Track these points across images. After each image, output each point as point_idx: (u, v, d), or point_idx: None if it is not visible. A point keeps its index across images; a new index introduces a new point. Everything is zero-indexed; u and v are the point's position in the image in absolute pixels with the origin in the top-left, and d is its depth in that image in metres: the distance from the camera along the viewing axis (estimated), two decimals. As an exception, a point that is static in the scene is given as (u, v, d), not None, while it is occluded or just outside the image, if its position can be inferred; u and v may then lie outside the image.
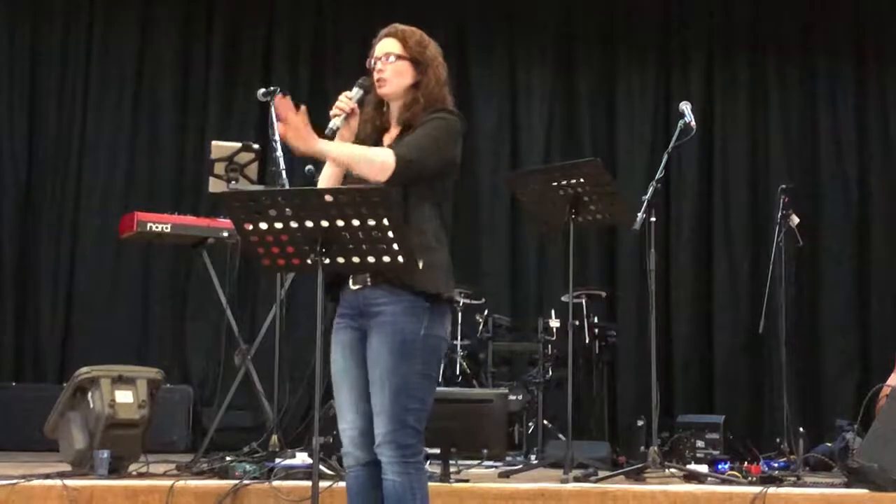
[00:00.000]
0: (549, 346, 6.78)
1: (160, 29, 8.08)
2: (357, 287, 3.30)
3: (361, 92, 3.42)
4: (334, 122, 3.34)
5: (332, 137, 3.34)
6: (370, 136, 3.44)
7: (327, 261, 3.11)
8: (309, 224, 3.08)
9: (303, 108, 3.20)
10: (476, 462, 5.26)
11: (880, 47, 8.21)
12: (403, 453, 3.23)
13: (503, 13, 8.35)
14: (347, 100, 3.38)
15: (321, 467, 4.16)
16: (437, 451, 4.82)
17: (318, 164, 3.55)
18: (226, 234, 6.01)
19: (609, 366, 7.30)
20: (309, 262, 3.13)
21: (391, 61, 3.41)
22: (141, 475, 4.84)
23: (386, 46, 3.45)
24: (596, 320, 7.06)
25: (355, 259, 3.12)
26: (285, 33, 8.20)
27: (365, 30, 8.09)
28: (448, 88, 3.48)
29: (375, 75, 3.43)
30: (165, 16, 8.10)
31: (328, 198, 3.05)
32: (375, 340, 3.27)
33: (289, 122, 3.18)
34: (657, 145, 7.83)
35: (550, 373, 6.72)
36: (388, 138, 3.44)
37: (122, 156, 7.92)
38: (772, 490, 4.58)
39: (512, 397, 6.21)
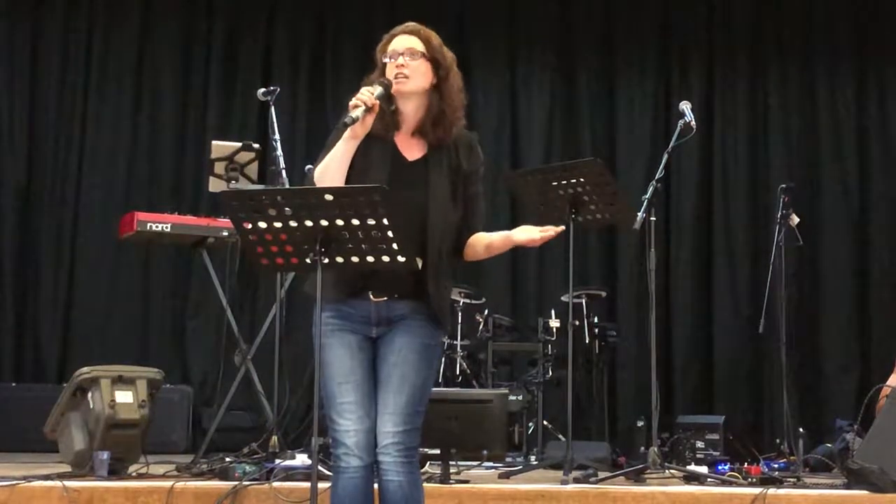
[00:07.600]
0: (549, 346, 6.77)
1: (160, 29, 8.08)
2: (380, 299, 3.22)
3: (382, 90, 3.22)
4: (355, 113, 3.14)
5: (346, 127, 3.17)
6: (377, 131, 3.26)
7: (326, 260, 3.09)
8: (308, 223, 3.06)
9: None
10: (476, 463, 5.25)
11: (880, 47, 8.20)
12: (409, 454, 3.21)
13: (503, 13, 8.34)
14: (370, 94, 3.18)
15: (320, 468, 4.15)
16: (437, 451, 4.82)
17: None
18: (226, 234, 6.01)
19: (609, 366, 7.30)
20: (308, 261, 3.11)
21: (415, 58, 3.28)
22: (141, 476, 4.84)
23: (408, 42, 3.30)
24: (596, 320, 7.05)
25: (354, 259, 3.10)
26: (285, 33, 8.20)
27: (365, 29, 8.20)
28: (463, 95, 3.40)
29: (394, 70, 3.26)
30: (165, 16, 8.10)
31: (328, 197, 3.03)
32: (401, 340, 3.24)
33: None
34: (657, 145, 7.82)
35: (550, 373, 6.72)
36: (405, 146, 3.33)
37: (122, 156, 7.92)
38: (772, 491, 4.58)
39: (512, 397, 6.20)
